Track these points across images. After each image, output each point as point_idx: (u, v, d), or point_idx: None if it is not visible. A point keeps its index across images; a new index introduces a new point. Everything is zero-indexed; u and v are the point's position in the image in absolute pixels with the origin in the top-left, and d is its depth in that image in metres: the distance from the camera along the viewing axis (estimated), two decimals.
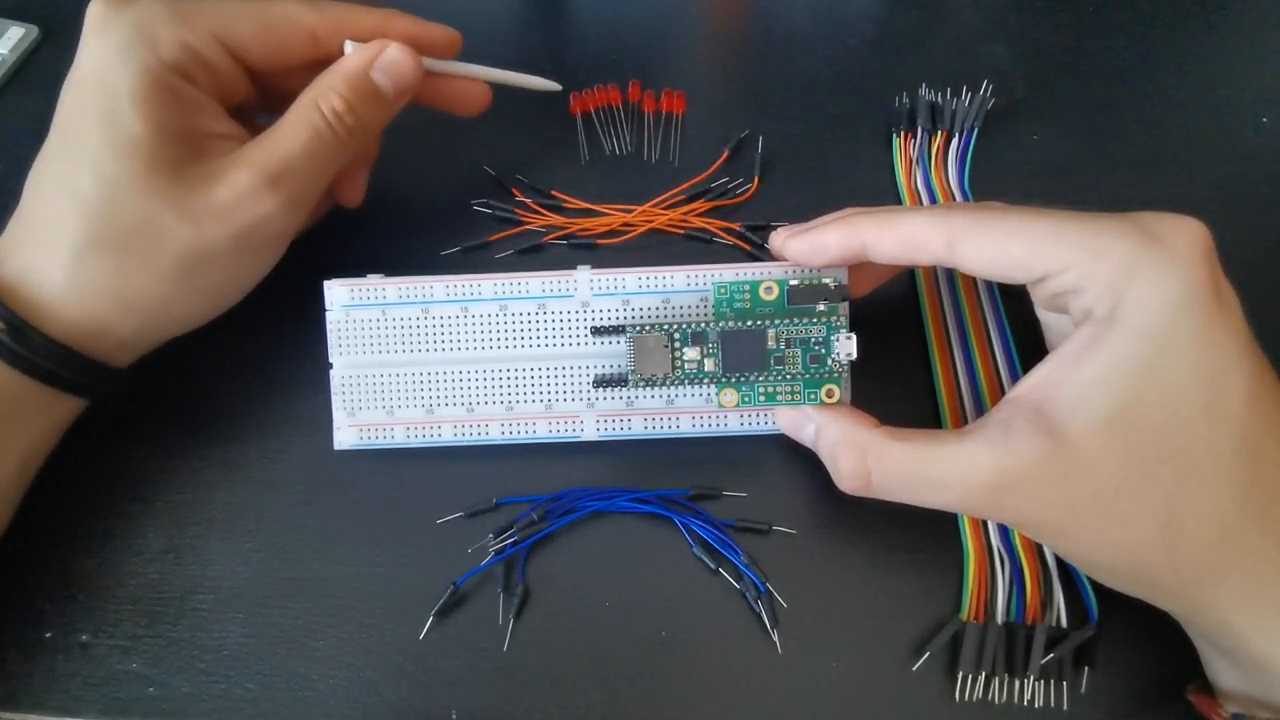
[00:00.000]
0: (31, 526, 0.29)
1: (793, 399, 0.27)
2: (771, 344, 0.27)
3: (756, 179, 0.35)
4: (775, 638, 0.28)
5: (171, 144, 0.26)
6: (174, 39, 0.26)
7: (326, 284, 0.29)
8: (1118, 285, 0.21)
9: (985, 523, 0.28)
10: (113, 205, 0.25)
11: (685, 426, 0.29)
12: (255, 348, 0.32)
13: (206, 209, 0.26)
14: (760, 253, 0.34)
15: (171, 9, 0.26)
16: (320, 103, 0.27)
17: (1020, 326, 0.30)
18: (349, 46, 0.29)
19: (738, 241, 0.34)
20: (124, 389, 0.29)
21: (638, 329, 0.27)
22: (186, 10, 0.26)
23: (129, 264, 0.26)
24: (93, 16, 0.26)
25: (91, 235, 0.25)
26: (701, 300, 0.28)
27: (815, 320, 0.27)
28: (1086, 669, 0.26)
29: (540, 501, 0.29)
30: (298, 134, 0.27)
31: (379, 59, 0.28)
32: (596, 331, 0.28)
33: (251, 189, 0.26)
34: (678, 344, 0.27)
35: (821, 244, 0.26)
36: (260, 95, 0.30)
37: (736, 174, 0.35)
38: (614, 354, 0.29)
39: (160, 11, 0.26)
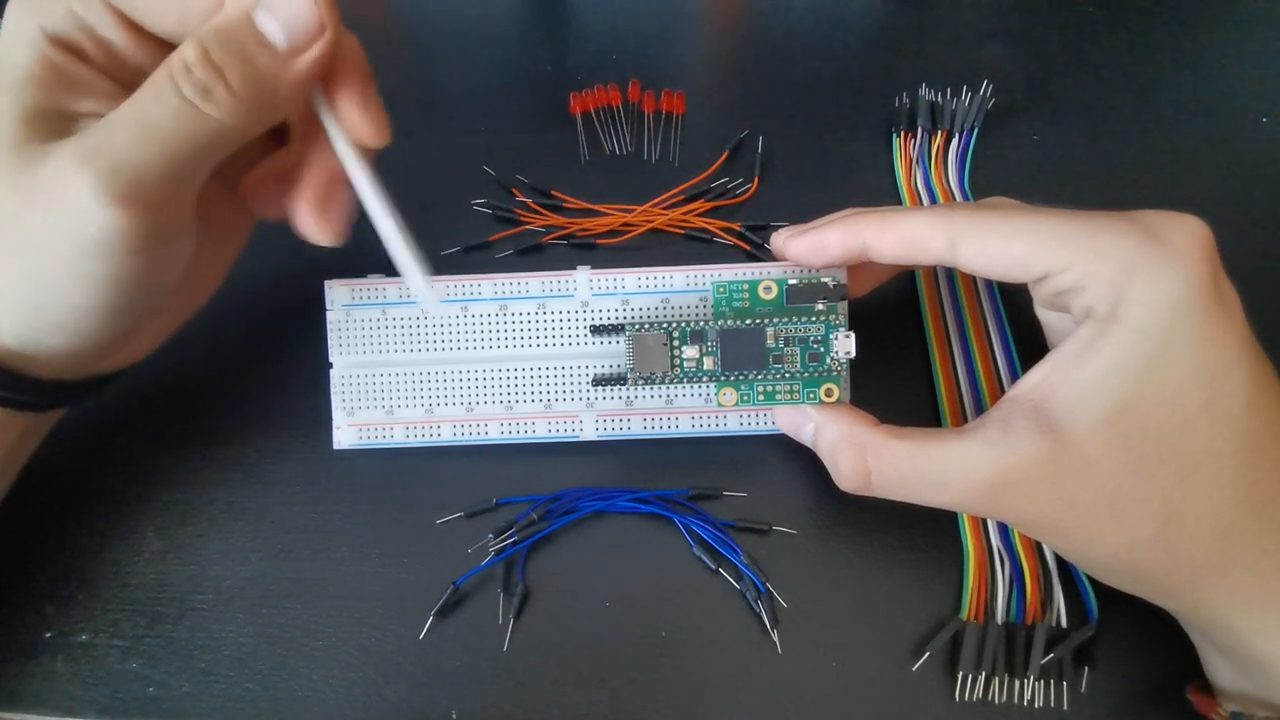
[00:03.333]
0: (31, 526, 0.29)
1: (792, 398, 0.27)
2: (770, 343, 0.27)
3: (756, 179, 0.35)
4: (775, 638, 0.28)
5: (30, 125, 0.22)
6: (60, 8, 0.22)
7: (327, 284, 0.29)
8: (1119, 284, 0.21)
9: (985, 522, 0.28)
10: None
11: (685, 426, 0.29)
12: (255, 348, 0.32)
13: (30, 190, 0.21)
14: (760, 253, 0.34)
15: None
16: (170, 60, 0.21)
17: (1020, 326, 0.30)
18: None
19: (737, 241, 0.34)
20: (78, 401, 0.26)
21: (637, 327, 0.27)
22: None
23: None
24: None
25: None
26: (701, 300, 0.28)
27: (814, 319, 0.27)
28: (1086, 669, 0.26)
29: (540, 501, 0.29)
30: (133, 102, 0.21)
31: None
32: (596, 330, 0.28)
33: (63, 171, 0.21)
34: (676, 342, 0.27)
35: (822, 244, 0.26)
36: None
37: (736, 174, 0.35)
38: (613, 354, 0.29)
39: None
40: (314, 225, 0.25)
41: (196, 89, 0.21)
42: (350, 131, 0.24)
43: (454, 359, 0.29)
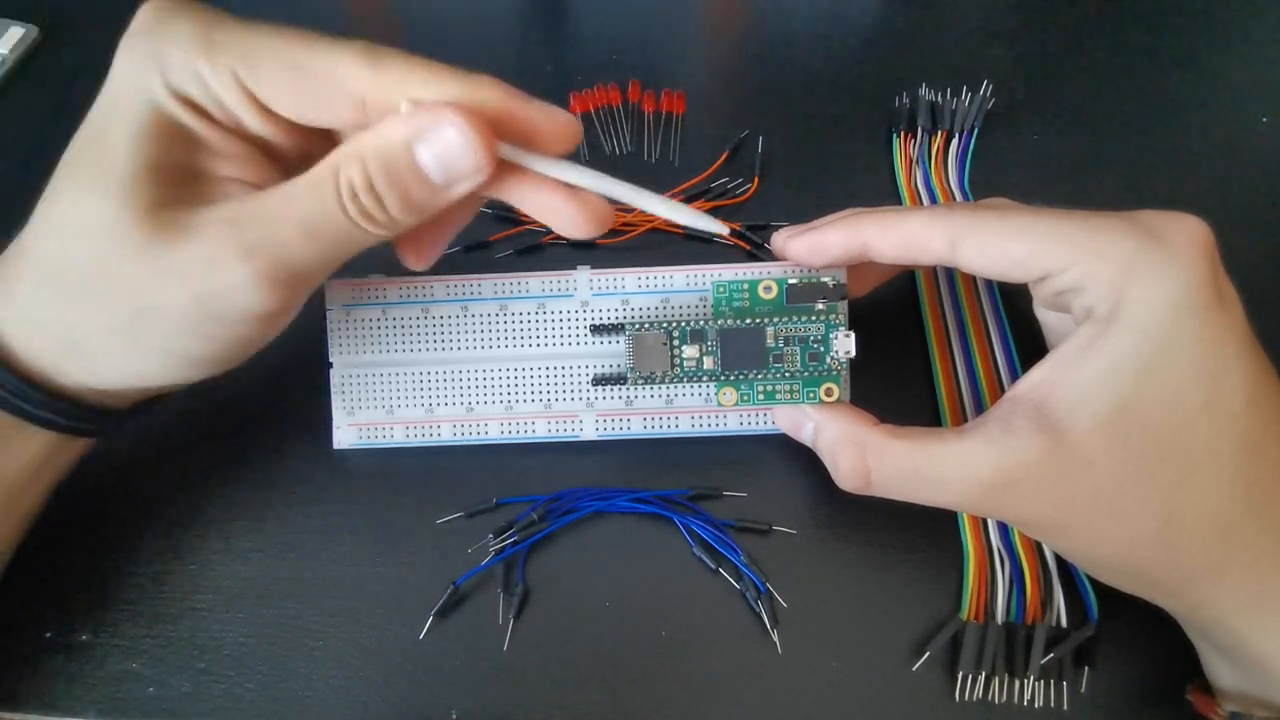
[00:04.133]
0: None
1: (792, 397, 0.27)
2: (770, 342, 0.27)
3: (756, 179, 0.35)
4: (775, 638, 0.27)
5: (157, 183, 0.22)
6: (187, 67, 0.21)
7: (327, 283, 0.29)
8: (1119, 284, 0.21)
9: (985, 522, 0.28)
10: (75, 240, 0.22)
11: (685, 426, 0.29)
12: None
13: (166, 261, 0.21)
14: (760, 253, 0.34)
15: (200, 31, 0.21)
16: (339, 173, 0.21)
17: (1020, 326, 0.30)
18: (404, 106, 0.21)
19: (737, 241, 0.34)
20: (113, 428, 0.27)
21: (637, 327, 0.27)
22: (216, 37, 0.21)
23: (75, 303, 0.23)
24: (131, 26, 0.22)
25: (49, 270, 0.23)
26: (701, 300, 0.28)
27: (814, 318, 0.27)
28: (1086, 669, 0.26)
29: (540, 501, 0.29)
30: (297, 204, 0.22)
31: (428, 133, 0.20)
32: (596, 330, 0.29)
33: (218, 253, 0.21)
34: (676, 342, 0.27)
35: (823, 244, 0.26)
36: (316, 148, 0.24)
37: (736, 174, 0.35)
38: (613, 354, 0.29)
39: (185, 32, 0.21)
40: (421, 257, 0.26)
41: (361, 213, 0.21)
42: (553, 146, 0.23)
43: (454, 359, 0.29)
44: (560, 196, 0.23)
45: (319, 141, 0.24)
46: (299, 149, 0.24)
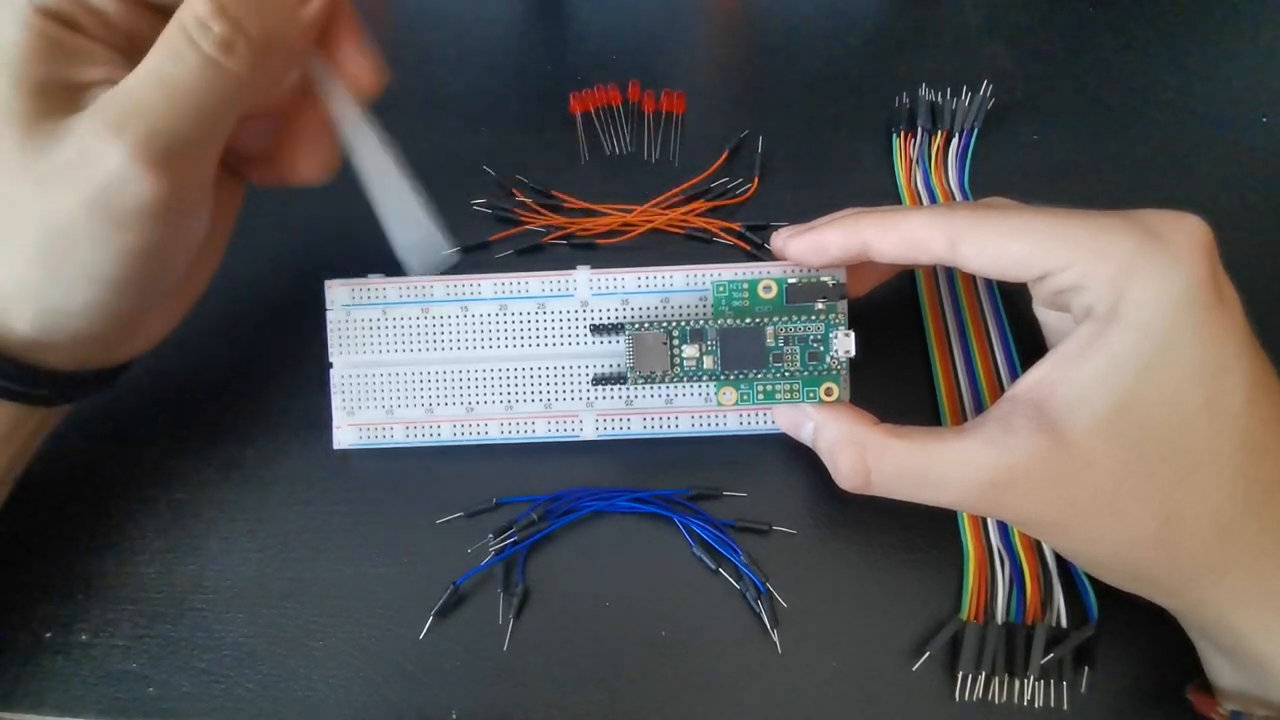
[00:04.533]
0: (31, 526, 0.29)
1: (791, 397, 0.27)
2: (770, 341, 0.27)
3: (756, 179, 0.35)
4: (775, 638, 0.27)
5: (36, 101, 0.21)
6: None
7: (327, 283, 0.29)
8: (1118, 283, 0.21)
9: (985, 522, 0.28)
10: None
11: (684, 426, 0.29)
12: (255, 347, 0.32)
13: (50, 169, 0.21)
14: (760, 253, 0.34)
15: None
16: (181, 15, 0.21)
17: (1020, 326, 0.30)
18: None
19: (737, 241, 0.34)
20: (74, 395, 0.26)
21: (636, 326, 0.27)
22: None
23: None
24: None
25: None
26: (700, 299, 0.28)
27: (814, 318, 0.27)
28: (1086, 669, 0.26)
29: (540, 501, 0.29)
30: (149, 63, 0.21)
31: None
32: (596, 330, 0.29)
33: (88, 143, 0.21)
34: (676, 341, 0.27)
35: (823, 244, 0.26)
36: None
37: (736, 174, 0.35)
38: (613, 353, 0.29)
39: None
40: (312, 163, 0.26)
41: (217, 44, 0.21)
42: (351, 78, 0.24)
43: (454, 359, 0.29)
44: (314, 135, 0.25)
45: None
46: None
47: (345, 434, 0.30)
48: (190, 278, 0.27)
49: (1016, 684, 0.26)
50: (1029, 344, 0.29)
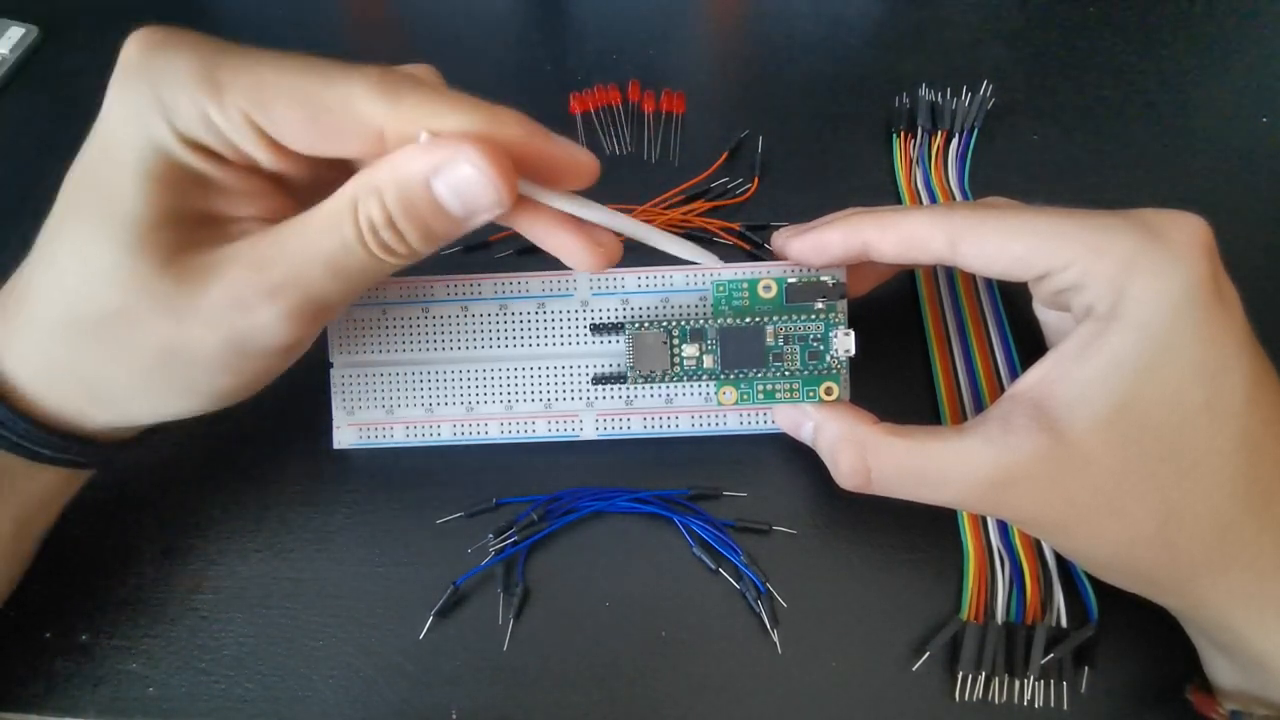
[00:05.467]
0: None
1: (791, 396, 0.27)
2: (770, 341, 0.27)
3: (756, 179, 0.35)
4: (775, 638, 0.27)
5: (171, 228, 0.21)
6: (195, 111, 0.20)
7: None
8: (1119, 282, 0.21)
9: (985, 522, 0.28)
10: (90, 289, 0.22)
11: (684, 425, 0.29)
12: None
13: (193, 308, 0.21)
14: (760, 253, 0.34)
15: (203, 71, 0.20)
16: (359, 207, 0.20)
17: (1020, 325, 0.30)
18: (423, 137, 0.20)
19: (737, 241, 0.34)
20: (122, 459, 0.27)
21: (636, 326, 0.27)
22: (221, 77, 0.20)
23: (100, 354, 0.22)
24: (121, 61, 0.21)
25: (66, 319, 0.22)
26: (700, 299, 0.28)
27: (814, 317, 0.27)
28: (1086, 669, 0.26)
29: (540, 501, 0.29)
30: (319, 241, 0.21)
31: (445, 167, 0.20)
32: (596, 329, 0.28)
33: (246, 296, 0.21)
34: (676, 341, 0.27)
35: (823, 243, 0.26)
36: (325, 178, 0.23)
37: (736, 174, 0.35)
38: (613, 353, 0.29)
39: (187, 72, 0.20)
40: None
41: (381, 247, 0.21)
42: (573, 182, 0.23)
43: (454, 358, 0.29)
44: (573, 235, 0.23)
45: (333, 168, 0.23)
46: (312, 177, 0.24)
47: (345, 434, 0.30)
48: None
49: (1016, 684, 0.26)
50: (1029, 344, 0.29)
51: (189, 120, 0.21)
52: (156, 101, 0.20)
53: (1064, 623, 0.27)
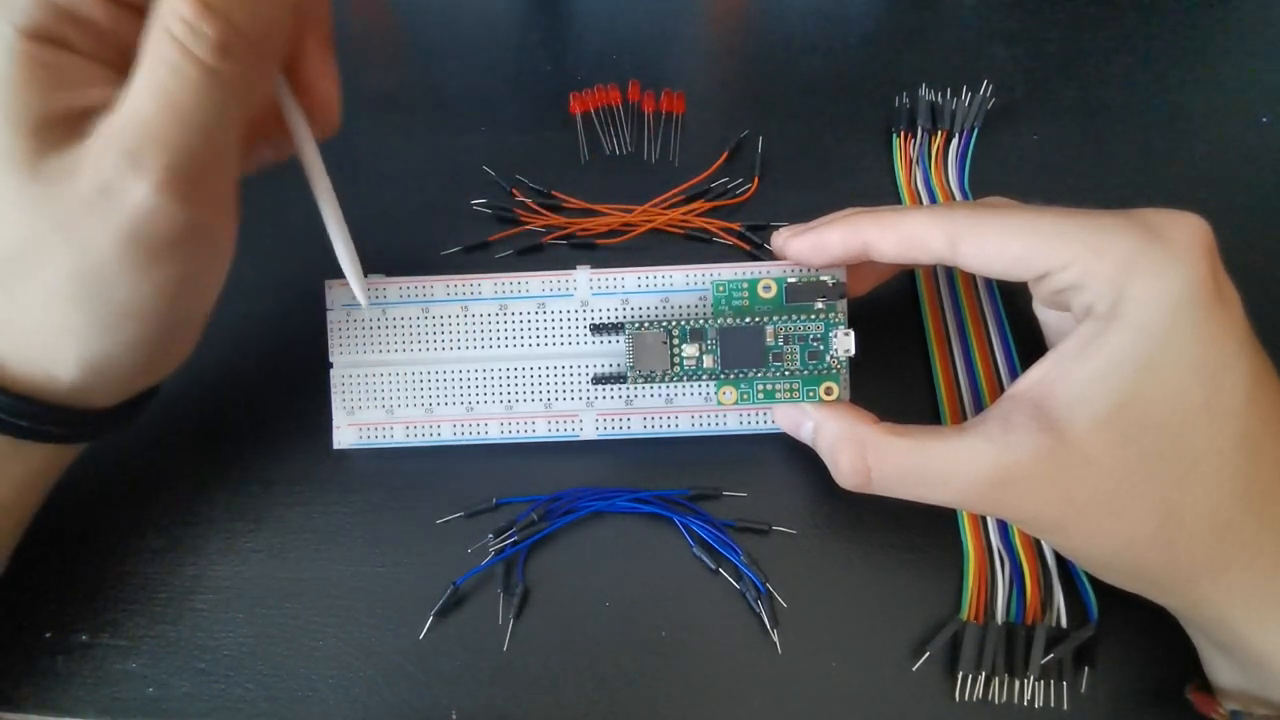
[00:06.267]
0: (31, 527, 0.29)
1: (791, 396, 0.27)
2: (770, 340, 0.27)
3: (756, 179, 0.35)
4: (775, 638, 0.27)
5: (37, 135, 0.20)
6: None
7: (327, 283, 0.29)
8: (1118, 281, 0.21)
9: (985, 522, 0.28)
10: None
11: (684, 425, 0.29)
12: (255, 348, 0.32)
13: (69, 212, 0.20)
14: (760, 253, 0.34)
15: None
16: (167, 22, 0.19)
17: (1020, 325, 0.30)
18: None
19: (737, 242, 0.34)
20: (108, 429, 0.26)
21: (636, 326, 0.27)
22: None
23: (17, 293, 0.21)
24: None
25: None
26: (700, 299, 0.28)
27: (814, 317, 0.27)
28: (1086, 669, 0.26)
29: (540, 501, 0.29)
30: (149, 82, 0.19)
31: None
32: (596, 329, 0.29)
33: (108, 177, 0.20)
34: (676, 341, 0.27)
35: (823, 243, 0.26)
36: None
37: (736, 174, 0.35)
38: (613, 353, 0.29)
39: None
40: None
41: (213, 48, 0.19)
42: (317, 104, 0.24)
43: (454, 359, 0.29)
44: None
45: None
46: None
47: (345, 434, 0.30)
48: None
49: (1016, 684, 0.26)
50: (1029, 344, 0.29)
51: (27, 10, 0.20)
52: None
53: (1064, 623, 0.27)
